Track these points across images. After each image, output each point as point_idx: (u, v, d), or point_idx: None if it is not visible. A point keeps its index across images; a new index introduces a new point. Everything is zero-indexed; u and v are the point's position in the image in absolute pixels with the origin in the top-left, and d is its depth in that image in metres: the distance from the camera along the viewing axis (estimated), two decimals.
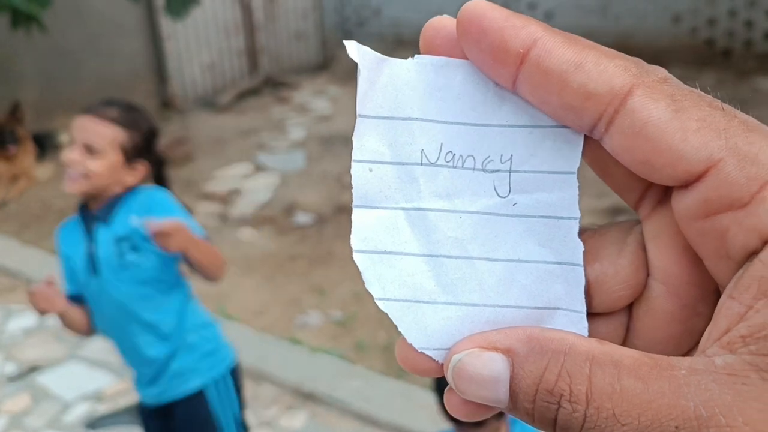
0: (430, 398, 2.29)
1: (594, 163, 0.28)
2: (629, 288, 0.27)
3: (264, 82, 7.48)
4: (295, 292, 3.06)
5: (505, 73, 0.25)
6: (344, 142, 5.25)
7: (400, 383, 2.35)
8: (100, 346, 2.69)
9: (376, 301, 0.28)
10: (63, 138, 4.93)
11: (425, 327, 0.27)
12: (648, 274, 0.27)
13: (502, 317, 0.27)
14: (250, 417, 2.25)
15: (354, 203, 0.28)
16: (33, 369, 2.55)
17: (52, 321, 2.90)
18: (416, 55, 0.27)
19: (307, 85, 7.70)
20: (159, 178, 1.80)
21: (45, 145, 4.86)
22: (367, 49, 0.27)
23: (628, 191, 0.27)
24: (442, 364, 0.27)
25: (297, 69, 8.01)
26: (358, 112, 0.27)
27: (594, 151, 0.27)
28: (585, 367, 0.23)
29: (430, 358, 0.27)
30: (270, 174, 4.61)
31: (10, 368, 2.57)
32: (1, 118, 4.60)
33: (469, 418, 0.27)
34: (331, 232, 3.64)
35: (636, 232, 0.27)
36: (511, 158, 0.27)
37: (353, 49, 0.27)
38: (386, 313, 0.28)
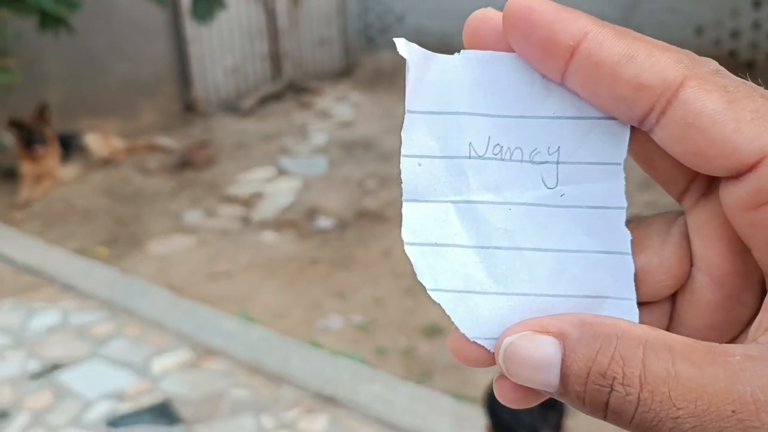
0: (451, 404, 2.27)
1: (638, 155, 0.28)
2: (673, 278, 0.28)
3: (287, 87, 7.51)
4: (316, 296, 3.06)
5: (554, 66, 0.26)
6: (366, 147, 5.25)
7: (421, 388, 2.33)
8: (123, 344, 2.70)
9: (429, 292, 0.28)
10: (88, 139, 4.98)
11: (477, 317, 0.28)
12: (691, 265, 0.27)
13: (552, 306, 0.28)
14: (271, 419, 2.25)
15: (404, 197, 0.28)
16: (55, 367, 2.57)
17: (75, 319, 2.92)
18: (462, 51, 0.28)
19: (330, 90, 7.73)
20: None
21: (69, 146, 4.90)
22: (414, 45, 0.28)
23: (673, 183, 0.28)
24: (494, 353, 0.28)
25: (320, 75, 8.04)
26: (406, 108, 0.28)
27: (639, 143, 0.27)
28: (638, 350, 0.23)
29: (482, 347, 0.28)
30: (292, 178, 4.62)
31: (32, 366, 2.59)
32: (28, 119, 4.65)
33: (518, 404, 0.28)
34: (352, 237, 3.63)
35: (680, 223, 0.28)
36: (558, 150, 0.27)
37: (402, 45, 0.28)
38: (439, 304, 0.28)
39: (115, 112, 6.13)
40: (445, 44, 8.06)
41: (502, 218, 0.28)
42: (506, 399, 0.28)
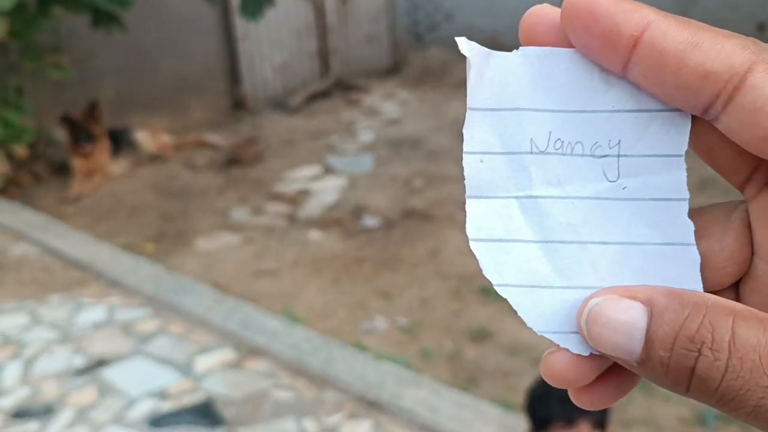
0: (497, 412, 2.20)
1: (698, 146, 0.28)
2: (735, 265, 0.28)
3: (334, 84, 7.50)
4: (361, 296, 3.01)
5: (616, 58, 0.26)
6: (412, 145, 5.19)
7: (466, 395, 2.26)
8: (166, 342, 2.69)
9: (495, 288, 0.28)
10: (137, 135, 5.03)
11: (543, 311, 0.28)
12: (753, 253, 0.27)
13: None
14: (313, 423, 2.20)
15: (467, 194, 0.29)
16: (100, 363, 2.57)
17: (120, 315, 2.93)
18: (521, 47, 0.28)
19: (377, 88, 7.68)
20: None
21: (119, 142, 4.96)
22: (475, 44, 0.28)
23: (735, 172, 0.28)
24: (583, 368, 0.27)
25: (367, 72, 8.00)
26: (468, 105, 0.28)
27: (700, 133, 0.27)
28: (728, 318, 0.24)
29: (577, 367, 0.28)
30: (338, 176, 4.59)
31: (78, 361, 2.59)
32: (78, 116, 4.71)
33: (568, 380, 0.28)
34: (398, 236, 3.57)
35: (741, 210, 0.28)
36: (618, 143, 0.28)
37: (463, 44, 0.28)
38: (506, 299, 0.28)
39: (164, 108, 6.19)
40: (495, 42, 7.94)
41: (564, 212, 0.28)
42: (556, 375, 0.28)
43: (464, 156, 0.28)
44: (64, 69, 4.79)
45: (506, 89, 0.28)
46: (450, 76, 7.77)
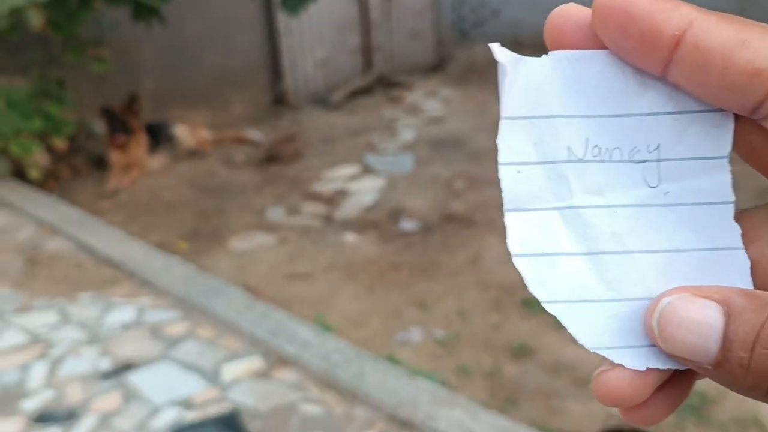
0: None
1: (742, 147, 0.27)
2: None
3: (377, 80, 7.38)
4: (396, 304, 2.89)
5: (656, 59, 0.25)
6: (455, 145, 5.05)
7: (504, 418, 2.13)
8: (194, 347, 2.62)
9: (543, 305, 0.27)
10: (176, 129, 4.98)
11: (594, 326, 0.27)
12: None
13: None
14: None
15: (505, 207, 0.28)
16: (126, 367, 2.50)
17: (150, 316, 2.86)
18: (550, 52, 0.27)
19: (420, 85, 7.55)
20: None
21: (158, 136, 4.92)
22: (507, 50, 0.27)
23: None
24: (639, 384, 0.26)
25: (410, 68, 7.87)
26: (501, 115, 0.27)
27: (743, 133, 0.26)
28: None
29: (633, 384, 0.26)
30: (377, 176, 4.47)
31: (105, 364, 2.53)
32: (117, 108, 4.68)
33: (626, 398, 0.26)
34: (437, 242, 3.45)
35: None
36: (658, 147, 0.27)
37: (497, 51, 0.27)
38: (555, 316, 0.27)
39: (205, 102, 6.16)
40: (541, 39, 7.71)
41: (607, 221, 0.27)
42: (612, 394, 0.26)
43: (500, 168, 0.27)
44: (105, 62, 4.76)
45: (539, 96, 0.27)
46: (495, 74, 7.55)
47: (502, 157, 0.27)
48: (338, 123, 6.12)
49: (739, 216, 0.27)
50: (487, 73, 7.66)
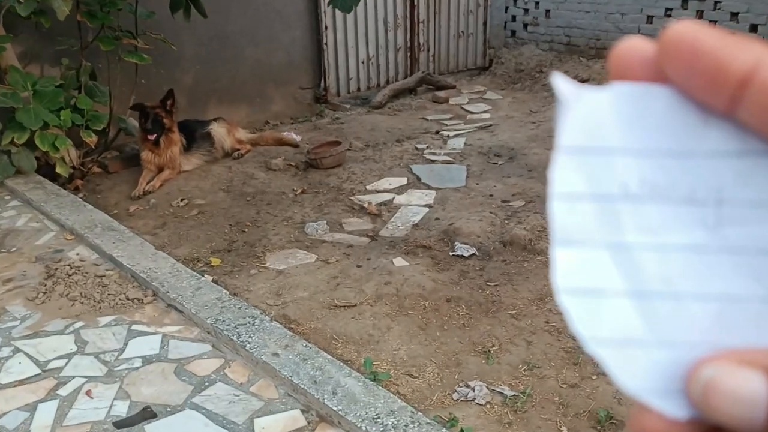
0: None
1: None
2: None
3: (421, 81, 7.01)
4: (455, 349, 2.53)
5: (723, 97, 0.24)
6: (508, 157, 4.66)
7: None
8: (224, 392, 2.28)
9: (585, 344, 0.26)
10: (212, 129, 4.66)
11: (637, 370, 0.26)
12: None
13: None
14: None
15: (555, 242, 0.27)
16: (144, 414, 2.17)
17: (175, 349, 2.53)
18: (613, 84, 0.26)
19: (466, 87, 7.17)
20: None
21: (193, 135, 4.60)
22: (567, 79, 0.27)
23: None
24: (671, 429, 0.25)
25: (457, 69, 7.48)
26: (557, 145, 0.27)
27: None
28: None
29: (673, 429, 0.25)
30: (425, 189, 4.11)
31: (120, 408, 2.21)
32: (151, 104, 4.36)
33: None
34: (496, 272, 3.07)
35: None
36: (719, 188, 0.26)
37: (558, 82, 0.27)
38: (596, 358, 0.26)
39: (243, 99, 5.84)
40: (594, 41, 7.30)
41: (659, 262, 0.26)
42: None
43: (552, 201, 0.27)
44: (141, 54, 4.45)
45: (597, 129, 0.26)
46: (546, 78, 7.17)
47: (554, 190, 0.26)
48: (381, 125, 5.77)
49: None
50: (537, 76, 7.24)
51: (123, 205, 4.07)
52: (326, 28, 6.16)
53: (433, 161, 4.55)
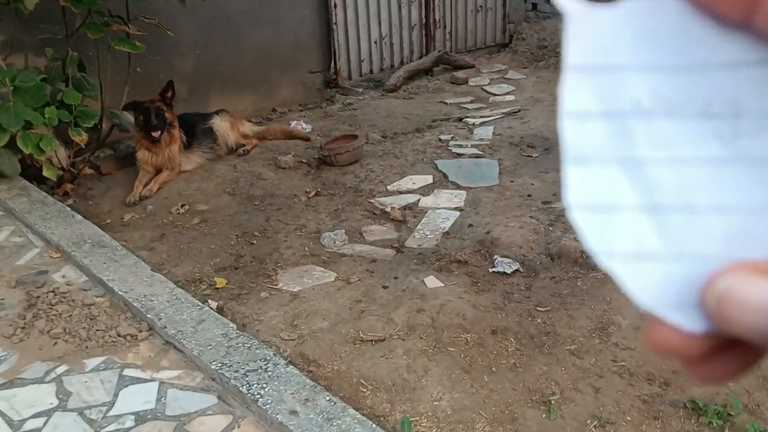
0: None
1: None
2: None
3: (437, 60, 6.53)
4: (507, 399, 2.11)
5: (739, 4, 0.23)
6: (543, 147, 4.21)
7: None
8: None
9: (599, 258, 0.26)
10: (215, 123, 4.22)
11: (652, 284, 0.26)
12: None
13: None
14: None
15: (567, 159, 0.27)
16: None
17: (173, 401, 2.13)
18: (625, 1, 0.25)
19: (486, 66, 6.69)
20: None
21: (194, 131, 4.16)
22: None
23: None
24: (696, 342, 0.25)
25: (475, 47, 6.98)
26: (566, 63, 0.27)
27: None
28: None
29: (690, 342, 0.25)
30: (454, 189, 3.67)
31: None
32: (149, 99, 3.93)
33: (682, 354, 0.25)
34: (545, 293, 2.65)
35: None
36: (734, 99, 0.25)
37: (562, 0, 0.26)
38: (610, 273, 0.26)
39: (247, 85, 5.39)
40: None
41: (673, 177, 0.26)
42: (666, 348, 0.26)
43: (563, 118, 0.26)
44: (133, 42, 4.00)
45: (608, 45, 0.26)
46: None
47: (565, 107, 0.26)
48: (397, 110, 5.32)
49: None
50: (560, 52, 6.74)
51: (117, 212, 3.66)
52: (335, 6, 5.69)
53: (459, 155, 4.10)
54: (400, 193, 3.65)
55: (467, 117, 4.97)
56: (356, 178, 3.86)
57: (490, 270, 2.82)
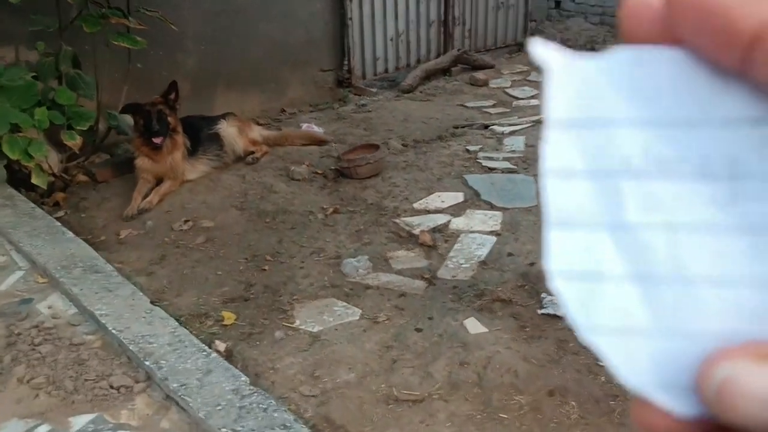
0: None
1: None
2: None
3: (456, 60, 6.16)
4: None
5: (735, 57, 0.22)
6: None
7: None
8: None
9: (581, 333, 0.24)
10: (222, 128, 3.86)
11: (639, 362, 0.24)
12: None
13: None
14: None
15: (548, 222, 0.25)
16: None
17: None
18: (615, 47, 0.24)
19: (507, 67, 6.33)
20: None
21: (198, 136, 3.79)
22: (555, 46, 0.24)
23: None
24: (686, 426, 0.23)
25: (495, 46, 6.61)
26: (547, 117, 0.25)
27: None
28: None
29: (679, 426, 0.23)
30: (488, 210, 3.31)
31: None
32: (150, 102, 3.56)
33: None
34: None
35: None
36: (734, 160, 0.23)
37: (538, 47, 0.24)
38: (594, 348, 0.24)
39: (256, 83, 5.02)
40: None
41: (666, 244, 0.24)
42: (653, 429, 0.24)
43: (545, 176, 0.24)
44: (133, 37, 3.63)
45: (594, 99, 0.24)
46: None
47: (547, 165, 0.24)
48: (414, 113, 4.95)
49: None
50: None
51: (113, 227, 3.29)
52: (351, 0, 5.32)
53: (491, 169, 3.73)
54: (428, 212, 3.28)
55: (493, 124, 4.60)
56: (378, 193, 3.50)
57: (539, 312, 2.46)
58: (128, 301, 2.52)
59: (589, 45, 6.36)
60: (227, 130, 3.85)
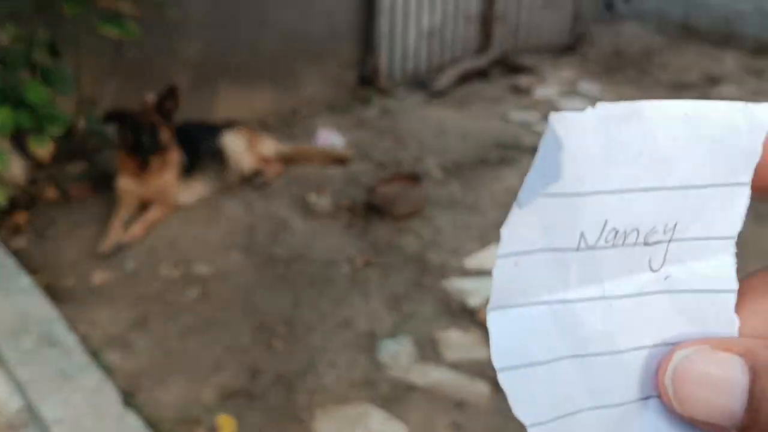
0: None
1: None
2: None
3: (495, 61, 5.45)
4: None
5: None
6: None
7: None
8: None
9: (529, 429, 0.23)
10: (226, 141, 3.16)
11: None
12: None
13: None
14: None
15: (490, 305, 0.23)
16: None
17: None
18: (598, 103, 0.22)
19: (551, 72, 5.61)
20: None
21: (197, 148, 3.09)
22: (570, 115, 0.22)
23: None
24: None
25: (539, 47, 5.89)
26: (518, 197, 0.23)
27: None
28: None
29: None
30: None
31: None
32: (139, 109, 2.85)
33: None
34: None
35: None
36: (674, 226, 0.23)
37: (559, 120, 0.22)
38: None
39: (267, 77, 4.31)
40: (724, 23, 5.63)
41: (601, 317, 0.23)
42: None
43: (497, 260, 0.23)
44: (123, 22, 2.93)
45: (571, 168, 0.22)
46: (657, 67, 5.60)
47: (501, 249, 0.23)
48: (448, 124, 4.27)
49: (740, 282, 0.24)
50: (645, 63, 5.68)
51: (84, 266, 2.60)
52: None
53: None
54: (484, 273, 2.59)
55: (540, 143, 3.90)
56: (419, 239, 2.80)
57: None
58: (92, 399, 1.84)
59: (647, 55, 5.65)
60: (233, 143, 3.15)
